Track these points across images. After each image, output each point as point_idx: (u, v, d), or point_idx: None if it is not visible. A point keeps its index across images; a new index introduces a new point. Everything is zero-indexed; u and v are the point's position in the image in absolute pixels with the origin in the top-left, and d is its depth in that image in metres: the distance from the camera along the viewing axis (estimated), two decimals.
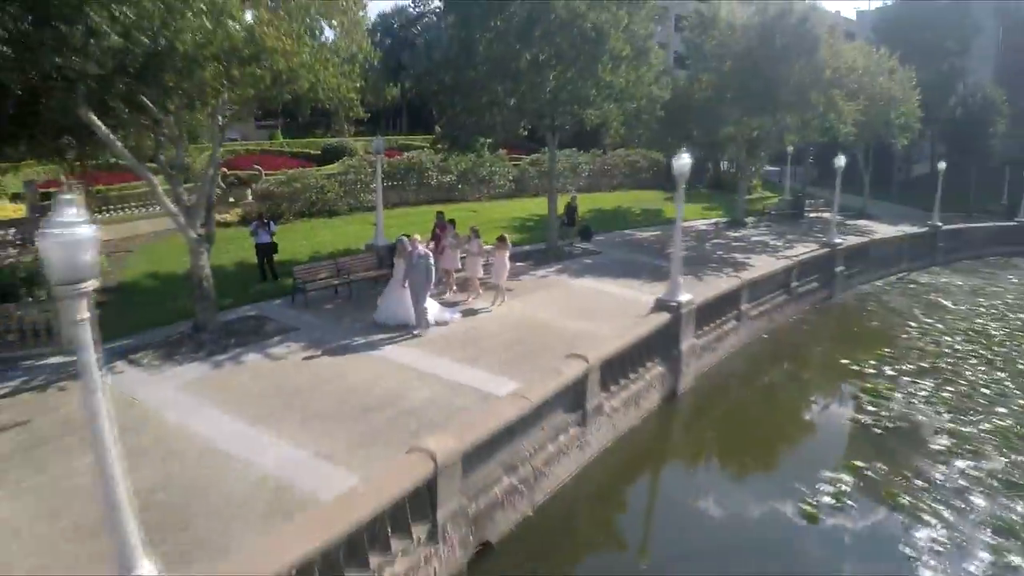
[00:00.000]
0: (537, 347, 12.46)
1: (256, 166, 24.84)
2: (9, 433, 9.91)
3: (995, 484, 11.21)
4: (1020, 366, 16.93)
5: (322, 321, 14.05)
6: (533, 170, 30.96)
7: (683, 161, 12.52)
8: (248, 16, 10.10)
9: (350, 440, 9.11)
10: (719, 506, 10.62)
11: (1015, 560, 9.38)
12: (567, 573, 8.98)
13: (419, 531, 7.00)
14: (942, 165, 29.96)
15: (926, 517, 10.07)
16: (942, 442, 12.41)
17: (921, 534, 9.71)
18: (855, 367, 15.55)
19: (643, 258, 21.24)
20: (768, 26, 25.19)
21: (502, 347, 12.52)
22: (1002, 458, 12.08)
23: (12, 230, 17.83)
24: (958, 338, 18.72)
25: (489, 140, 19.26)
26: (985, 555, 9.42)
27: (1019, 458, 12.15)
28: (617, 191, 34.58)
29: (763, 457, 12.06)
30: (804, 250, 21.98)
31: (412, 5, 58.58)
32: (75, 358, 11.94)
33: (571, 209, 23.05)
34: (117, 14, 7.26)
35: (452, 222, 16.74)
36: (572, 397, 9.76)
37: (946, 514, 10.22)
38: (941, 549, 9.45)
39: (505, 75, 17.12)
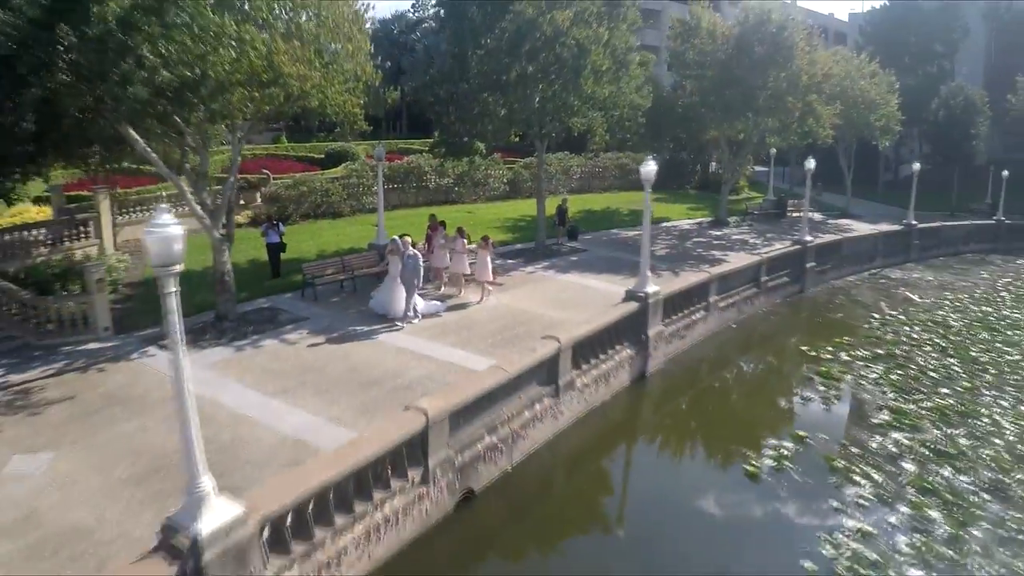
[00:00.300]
0: (521, 333, 14.04)
1: (264, 170, 26.46)
2: (60, 405, 11.50)
3: (925, 452, 12.74)
4: (972, 353, 18.46)
5: (329, 312, 15.65)
6: (526, 173, 32.54)
7: (649, 168, 14.08)
8: (264, 36, 11.69)
9: (356, 408, 10.71)
10: (679, 470, 12.22)
11: (933, 514, 10.89)
12: (544, 526, 10.56)
13: (414, 474, 8.60)
14: (916, 166, 31.50)
15: (857, 478, 11.62)
16: (882, 417, 13.96)
17: (850, 491, 11.26)
18: (813, 353, 17.14)
19: (626, 255, 22.74)
20: (746, 35, 26.75)
21: (489, 333, 14.11)
22: (936, 431, 13.61)
23: (43, 230, 19.43)
24: (917, 328, 20.28)
25: (483, 146, 20.82)
26: (905, 509, 10.93)
27: (952, 431, 13.67)
28: (608, 192, 36.20)
29: (720, 428, 13.64)
30: (780, 247, 23.60)
31: (412, 10, 60.36)
32: (104, 345, 13.54)
33: (562, 211, 24.66)
34: (163, 51, 8.86)
35: (443, 224, 18.31)
36: (546, 372, 11.38)
37: (875, 476, 11.76)
38: (866, 503, 10.99)
39: (495, 88, 18.71)
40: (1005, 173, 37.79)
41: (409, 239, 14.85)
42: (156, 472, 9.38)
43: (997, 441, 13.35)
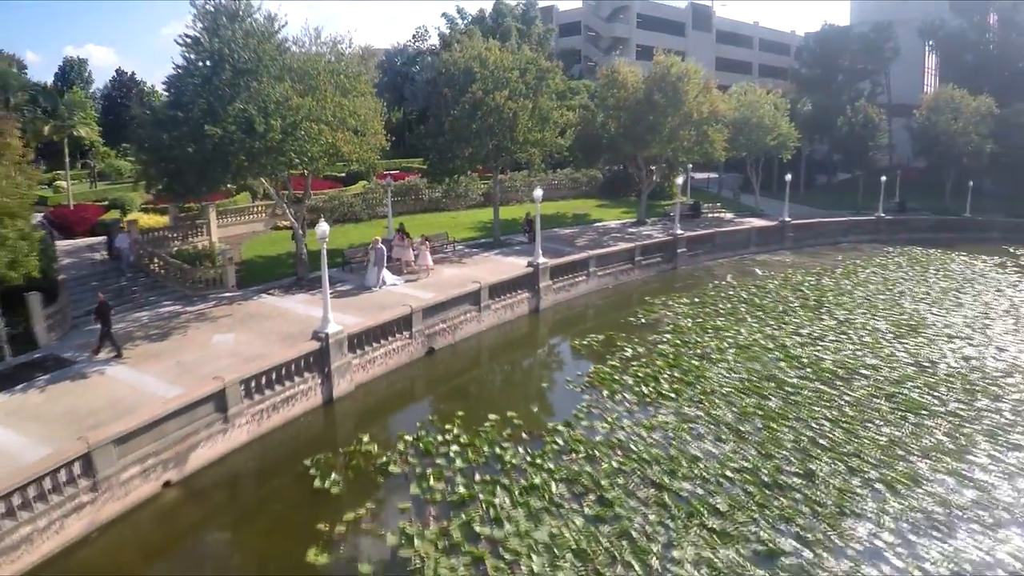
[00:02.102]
0: (467, 285, 26.09)
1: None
2: (224, 318, 23.54)
3: (677, 342, 24.39)
4: (763, 302, 30.06)
5: (360, 278, 27.76)
6: (504, 183, 44.60)
7: (537, 192, 26.01)
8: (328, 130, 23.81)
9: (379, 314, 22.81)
10: (542, 347, 24.20)
11: (658, 363, 22.41)
12: (473, 368, 22.51)
13: (406, 333, 20.70)
14: (788, 176, 43.07)
15: (627, 349, 23.32)
16: (665, 327, 25.79)
17: (619, 353, 22.97)
18: (651, 300, 29.06)
19: (557, 246, 34.65)
20: (650, 86, 38.72)
21: (450, 286, 26.08)
22: (694, 336, 25.29)
23: (174, 231, 31.67)
24: (738, 289, 32.03)
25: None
26: (643, 359, 22.46)
27: (705, 335, 25.22)
28: (563, 200, 48.30)
29: (570, 331, 25.65)
30: (668, 237, 35.52)
31: (412, 43, 72.85)
32: (234, 294, 26.51)
33: (529, 221, 36.42)
34: (296, 148, 21.05)
35: (403, 230, 30.32)
36: (472, 298, 23.43)
37: (639, 348, 23.42)
38: (625, 356, 22.63)
39: (462, 139, 30.83)
40: (883, 179, 49.21)
41: (378, 238, 26.95)
42: (288, 338, 21.37)
43: (729, 340, 24.89)
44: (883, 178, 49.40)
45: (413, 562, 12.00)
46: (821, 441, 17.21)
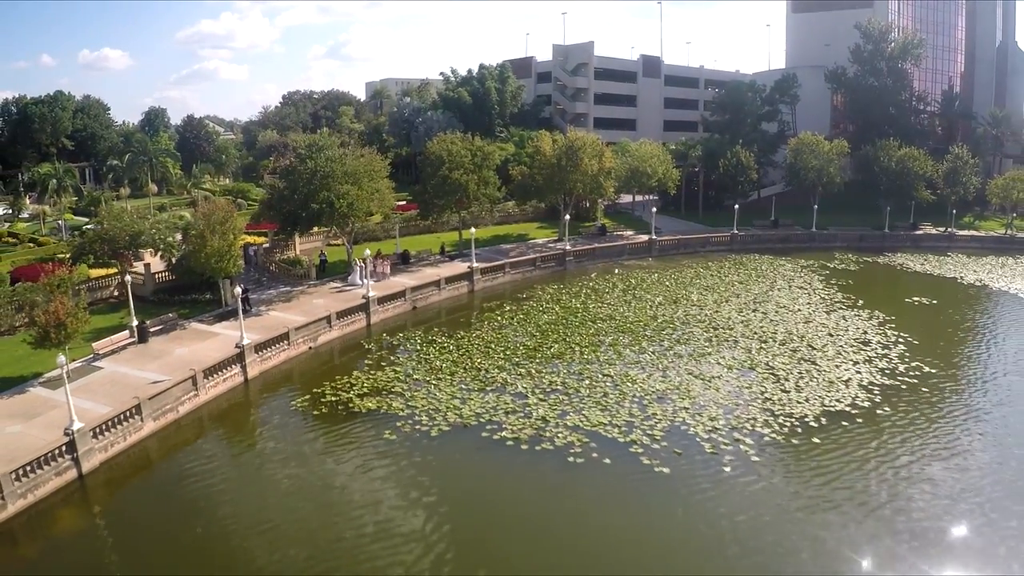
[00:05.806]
0: (431, 279, 54.59)
1: None
2: (319, 292, 52.82)
3: (534, 305, 52.61)
4: (600, 288, 58.00)
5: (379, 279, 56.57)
6: (469, 216, 72.88)
7: (471, 230, 54.25)
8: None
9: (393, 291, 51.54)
10: (474, 305, 52.75)
11: (517, 316, 50.75)
12: (440, 314, 50.97)
13: (403, 299, 49.40)
14: (654, 209, 70.77)
15: (507, 308, 51.56)
16: (533, 299, 53.97)
17: (499, 309, 51.22)
18: (536, 287, 57.34)
19: (495, 255, 63.06)
20: (559, 153, 67.10)
21: (426, 277, 54.67)
22: (544, 303, 53.44)
23: (274, 247, 60.46)
24: (593, 282, 59.97)
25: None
26: (525, 315, 50.89)
27: (552, 301, 53.40)
28: (513, 224, 76.56)
29: (488, 300, 53.99)
30: (560, 249, 63.65)
31: (417, 96, 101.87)
32: (315, 282, 57.34)
33: (443, 247, 65.05)
34: (353, 215, 49.69)
35: (380, 254, 59.09)
36: (436, 283, 51.96)
37: (512, 308, 51.71)
38: (504, 310, 50.96)
39: (437, 196, 59.56)
40: (736, 206, 76.35)
41: (357, 257, 55.82)
42: (348, 301, 50.09)
43: (563, 304, 52.92)
44: (736, 205, 76.74)
45: (397, 363, 40.48)
46: (568, 339, 45.06)
